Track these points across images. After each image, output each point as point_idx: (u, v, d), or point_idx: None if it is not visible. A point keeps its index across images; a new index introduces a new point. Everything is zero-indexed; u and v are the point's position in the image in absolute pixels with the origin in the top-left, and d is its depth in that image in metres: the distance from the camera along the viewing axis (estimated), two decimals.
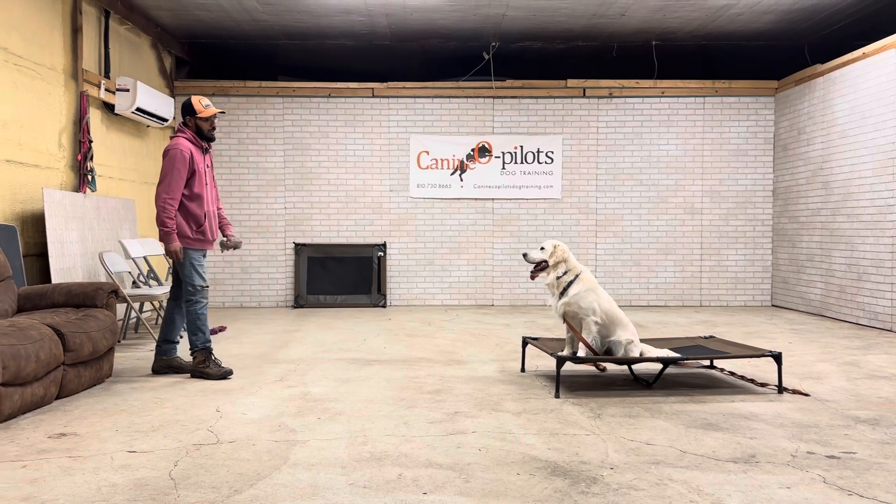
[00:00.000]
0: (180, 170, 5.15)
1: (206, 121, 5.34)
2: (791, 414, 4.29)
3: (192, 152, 5.24)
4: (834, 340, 7.11)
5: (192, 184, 5.24)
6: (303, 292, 10.04)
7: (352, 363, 5.89)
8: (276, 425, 4.02)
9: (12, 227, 6.00)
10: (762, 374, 5.37)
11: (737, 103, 10.29)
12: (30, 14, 6.51)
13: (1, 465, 3.34)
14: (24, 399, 4.16)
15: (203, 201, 5.31)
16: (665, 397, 4.68)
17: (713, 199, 10.33)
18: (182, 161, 5.16)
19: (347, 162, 10.27)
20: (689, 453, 3.54)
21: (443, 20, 8.93)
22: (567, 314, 4.98)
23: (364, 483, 3.11)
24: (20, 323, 4.38)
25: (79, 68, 7.28)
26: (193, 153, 5.25)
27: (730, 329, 7.83)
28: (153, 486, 3.07)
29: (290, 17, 8.82)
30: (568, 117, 10.29)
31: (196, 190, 5.26)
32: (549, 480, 3.15)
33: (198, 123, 5.33)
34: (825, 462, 3.42)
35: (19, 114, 6.35)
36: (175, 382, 5.14)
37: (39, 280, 6.57)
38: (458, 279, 10.30)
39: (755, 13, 8.65)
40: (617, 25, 9.18)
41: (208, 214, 5.37)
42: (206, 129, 5.36)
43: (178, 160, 5.15)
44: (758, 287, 10.36)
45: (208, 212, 5.37)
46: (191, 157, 5.21)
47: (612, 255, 10.32)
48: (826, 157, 8.96)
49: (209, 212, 5.38)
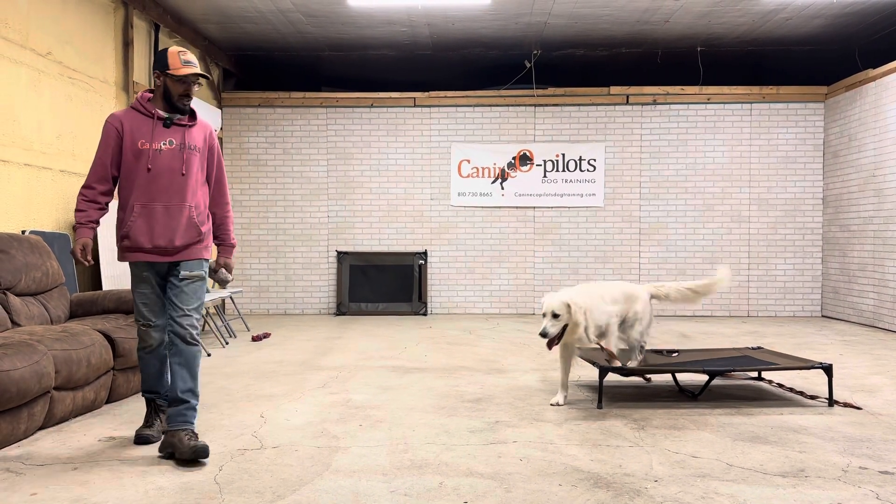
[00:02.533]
0: (102, 147, 3.74)
1: (179, 81, 3.73)
2: (842, 427, 4.17)
3: (128, 123, 3.72)
4: (887, 352, 6.89)
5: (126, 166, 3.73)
6: (345, 300, 10.12)
7: (393, 371, 5.91)
8: (319, 431, 4.05)
9: (65, 235, 6.19)
10: (812, 386, 5.23)
11: (785, 109, 10.08)
12: (83, 29, 6.72)
13: (53, 468, 3.44)
14: (75, 402, 4.28)
15: (141, 191, 3.69)
16: (711, 409, 4.59)
17: (761, 207, 10.12)
18: (106, 136, 3.73)
19: (389, 171, 10.34)
20: (735, 466, 3.46)
21: (484, 29, 8.95)
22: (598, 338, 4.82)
23: (405, 491, 3.12)
24: (72, 328, 4.51)
25: (130, 81, 7.48)
26: (132, 125, 3.72)
27: (778, 340, 7.65)
28: (198, 490, 3.13)
29: (334, 29, 8.94)
30: (611, 125, 10.20)
31: (125, 176, 3.74)
32: (592, 492, 3.11)
33: (167, 84, 3.74)
34: (878, 478, 3.31)
35: (73, 125, 6.55)
36: (220, 388, 5.22)
37: (91, 287, 6.75)
38: (498, 287, 10.27)
39: (804, 17, 8.48)
40: (661, 32, 9.08)
41: (152, 212, 3.70)
42: (177, 93, 3.74)
43: (102, 135, 3.76)
44: (807, 297, 10.11)
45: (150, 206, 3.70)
46: (120, 131, 3.71)
47: (657, 264, 10.18)
48: (878, 164, 8.71)
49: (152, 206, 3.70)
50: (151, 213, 3.69)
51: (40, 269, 5.08)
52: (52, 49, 6.21)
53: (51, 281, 5.19)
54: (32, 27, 5.95)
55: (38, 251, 5.13)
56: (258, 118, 10.30)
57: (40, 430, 4.04)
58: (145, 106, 3.76)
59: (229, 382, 5.44)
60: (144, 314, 3.81)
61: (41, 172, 6.08)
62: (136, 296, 3.82)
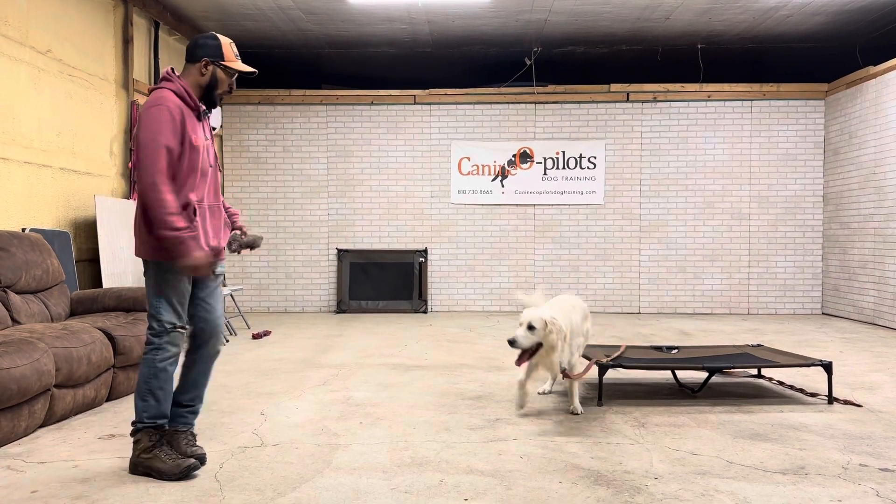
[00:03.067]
0: (167, 136, 3.22)
1: (229, 75, 3.47)
2: (842, 425, 4.17)
3: (185, 114, 3.32)
4: (887, 350, 6.89)
5: (183, 162, 3.31)
6: (345, 298, 10.12)
7: (393, 368, 5.92)
8: (319, 429, 4.06)
9: (66, 233, 6.19)
10: (812, 384, 5.24)
11: (785, 107, 10.07)
12: (83, 26, 6.72)
13: (54, 465, 3.44)
14: (76, 400, 4.28)
15: (196, 190, 3.37)
16: (711, 407, 4.59)
17: (761, 204, 10.11)
18: (171, 123, 3.24)
19: (389, 168, 10.34)
20: (735, 464, 3.46)
21: (484, 26, 8.94)
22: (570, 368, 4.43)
23: (405, 488, 3.12)
24: (73, 326, 4.51)
25: (130, 78, 7.47)
26: (184, 115, 3.31)
27: (778, 337, 7.65)
28: (199, 488, 3.13)
29: (334, 27, 8.93)
30: (611, 122, 10.20)
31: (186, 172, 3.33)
32: (592, 490, 3.12)
33: (216, 74, 3.42)
34: (878, 475, 3.31)
35: (73, 123, 6.55)
36: (221, 385, 5.22)
37: (91, 284, 6.76)
38: (498, 285, 10.27)
39: (805, 14, 8.47)
40: (661, 29, 9.07)
41: (203, 211, 3.42)
42: (224, 87, 3.48)
43: (163, 121, 3.22)
44: (807, 295, 10.10)
45: (203, 206, 3.43)
46: (182, 122, 3.29)
47: (657, 262, 10.17)
48: (879, 162, 8.71)
49: (205, 206, 3.45)
50: (204, 213, 3.42)
51: (40, 267, 5.08)
52: (51, 47, 6.21)
53: (51, 279, 5.19)
54: (32, 25, 5.95)
55: (38, 249, 5.13)
56: (258, 116, 10.30)
57: (41, 427, 4.04)
58: (191, 95, 3.38)
59: (229, 380, 5.44)
60: (181, 315, 3.41)
61: (41, 170, 6.08)
62: (172, 296, 3.35)
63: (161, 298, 3.36)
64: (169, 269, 3.32)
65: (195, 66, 3.41)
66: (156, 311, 3.36)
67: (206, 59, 3.40)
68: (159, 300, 3.36)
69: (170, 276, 3.34)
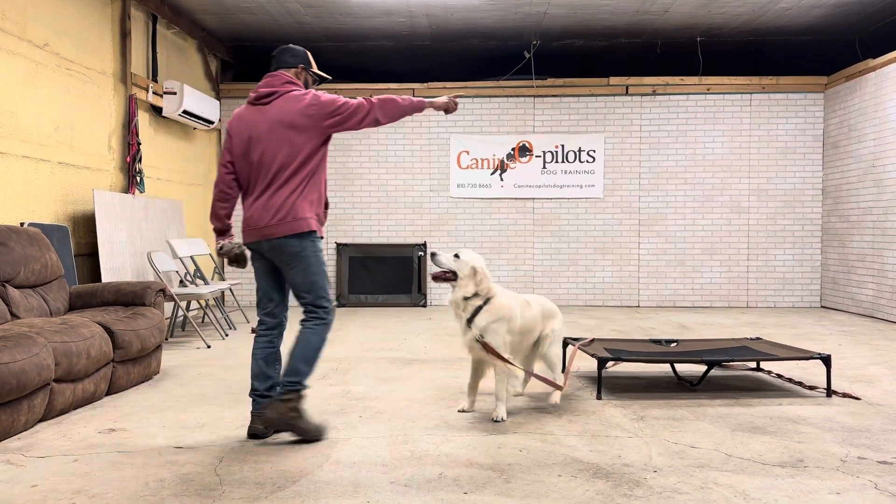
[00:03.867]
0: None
1: (313, 81, 4.06)
2: (841, 418, 4.18)
3: None
4: (886, 343, 6.90)
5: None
6: (344, 292, 10.12)
7: (393, 362, 5.92)
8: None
9: (64, 228, 6.18)
10: (811, 377, 5.24)
11: (785, 100, 10.06)
12: (81, 20, 6.70)
13: (53, 459, 3.44)
14: (75, 395, 4.28)
15: None
16: (710, 400, 4.60)
17: (760, 197, 10.11)
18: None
19: (388, 162, 10.33)
20: (734, 457, 3.47)
21: (483, 19, 8.92)
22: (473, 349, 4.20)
23: (405, 482, 3.13)
24: (72, 321, 4.51)
25: (127, 72, 7.45)
26: None
27: (777, 331, 7.66)
28: (199, 482, 3.13)
29: (332, 20, 8.90)
30: (610, 115, 10.18)
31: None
32: (591, 483, 3.12)
33: (307, 80, 4.00)
34: (877, 467, 3.32)
35: (71, 117, 6.53)
36: (221, 380, 5.23)
37: (90, 279, 6.75)
38: (497, 279, 10.26)
39: (804, 7, 8.45)
40: (660, 22, 9.05)
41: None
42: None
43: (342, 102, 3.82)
44: (806, 288, 10.12)
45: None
46: None
47: (656, 256, 10.18)
48: (878, 155, 8.70)
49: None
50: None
51: (39, 262, 5.07)
52: (49, 40, 6.19)
53: (50, 273, 5.19)
54: (29, 18, 5.93)
55: (36, 243, 5.12)
56: None
57: (40, 422, 4.04)
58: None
59: (229, 374, 5.44)
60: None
61: (39, 164, 6.07)
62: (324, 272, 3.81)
63: (325, 276, 3.78)
64: (320, 242, 3.78)
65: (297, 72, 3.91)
66: (324, 291, 3.77)
67: (302, 66, 3.93)
68: (324, 279, 3.77)
69: (321, 252, 3.77)
